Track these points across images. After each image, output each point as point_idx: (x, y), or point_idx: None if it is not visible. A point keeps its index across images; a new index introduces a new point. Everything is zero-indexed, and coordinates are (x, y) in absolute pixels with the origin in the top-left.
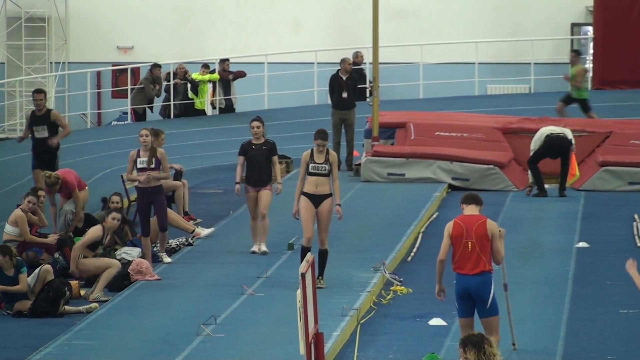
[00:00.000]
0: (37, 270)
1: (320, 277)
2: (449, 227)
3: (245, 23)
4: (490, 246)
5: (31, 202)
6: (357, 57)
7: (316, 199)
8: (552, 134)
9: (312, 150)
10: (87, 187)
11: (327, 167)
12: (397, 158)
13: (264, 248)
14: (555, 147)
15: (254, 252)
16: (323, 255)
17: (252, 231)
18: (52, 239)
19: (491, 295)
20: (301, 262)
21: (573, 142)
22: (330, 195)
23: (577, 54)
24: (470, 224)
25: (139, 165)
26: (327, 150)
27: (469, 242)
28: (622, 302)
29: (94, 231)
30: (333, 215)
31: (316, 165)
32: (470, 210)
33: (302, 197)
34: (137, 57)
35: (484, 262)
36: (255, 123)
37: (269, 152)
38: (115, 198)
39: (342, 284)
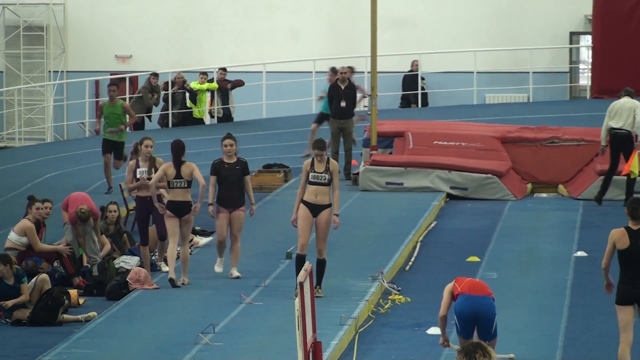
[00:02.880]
0: (34, 280)
1: (318, 287)
2: (449, 286)
3: (244, 32)
4: None
5: (40, 208)
6: (413, 66)
7: (315, 209)
8: (612, 129)
9: (312, 159)
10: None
11: (327, 176)
12: (395, 167)
13: (236, 273)
14: (615, 143)
15: (217, 272)
16: (321, 265)
17: (218, 251)
18: (62, 247)
19: (496, 318)
20: (296, 270)
21: (638, 135)
22: (329, 205)
23: None
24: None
25: (138, 175)
26: (328, 159)
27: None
28: None
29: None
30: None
31: (316, 174)
32: None
33: (301, 205)
34: (136, 66)
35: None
36: (228, 141)
37: (242, 171)
38: (113, 207)
39: (341, 293)
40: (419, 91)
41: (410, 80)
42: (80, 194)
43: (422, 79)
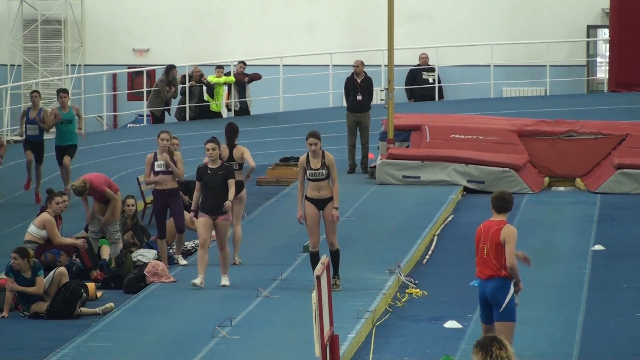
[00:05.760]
0: (51, 273)
1: (336, 277)
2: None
3: (260, 26)
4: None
5: (59, 202)
6: (421, 59)
7: (320, 203)
8: None
9: (307, 155)
10: (119, 192)
11: (324, 172)
12: (412, 161)
13: (225, 282)
14: None
15: (194, 285)
16: (335, 256)
17: (199, 261)
18: (79, 242)
19: (507, 300)
20: (312, 268)
21: None
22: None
23: None
24: (488, 230)
25: (156, 169)
26: (323, 153)
27: (485, 248)
28: (638, 305)
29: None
30: (346, 217)
31: (313, 171)
32: (496, 217)
33: (306, 202)
34: (153, 60)
35: (499, 267)
36: (211, 145)
37: (225, 177)
38: (130, 201)
39: (358, 286)
40: (436, 84)
41: (415, 74)
42: (97, 174)
43: (433, 71)
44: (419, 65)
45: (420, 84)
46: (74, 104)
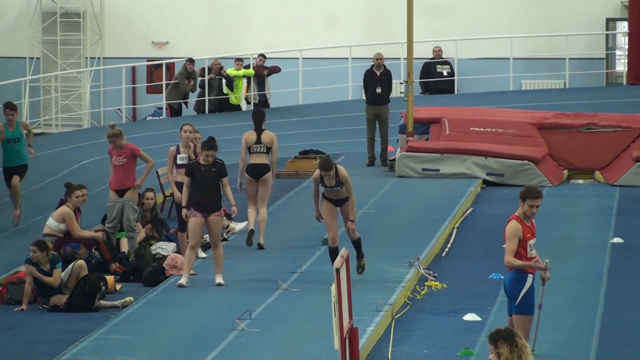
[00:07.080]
0: (70, 266)
1: (360, 258)
2: None
3: (280, 19)
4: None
5: (79, 196)
6: (434, 52)
7: (337, 202)
8: None
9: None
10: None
11: (339, 187)
12: (431, 153)
13: (219, 280)
14: None
15: (180, 286)
16: (357, 243)
17: (186, 261)
18: (98, 234)
19: (522, 293)
20: (332, 263)
21: None
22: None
23: None
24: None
25: (179, 162)
26: (336, 169)
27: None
28: None
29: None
30: (365, 210)
31: (329, 189)
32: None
33: (324, 200)
34: (172, 53)
35: None
36: (212, 152)
37: (218, 173)
38: (149, 194)
39: (377, 279)
40: (456, 77)
41: (430, 67)
42: None
43: (447, 64)
44: (432, 58)
45: (434, 77)
46: (23, 119)
